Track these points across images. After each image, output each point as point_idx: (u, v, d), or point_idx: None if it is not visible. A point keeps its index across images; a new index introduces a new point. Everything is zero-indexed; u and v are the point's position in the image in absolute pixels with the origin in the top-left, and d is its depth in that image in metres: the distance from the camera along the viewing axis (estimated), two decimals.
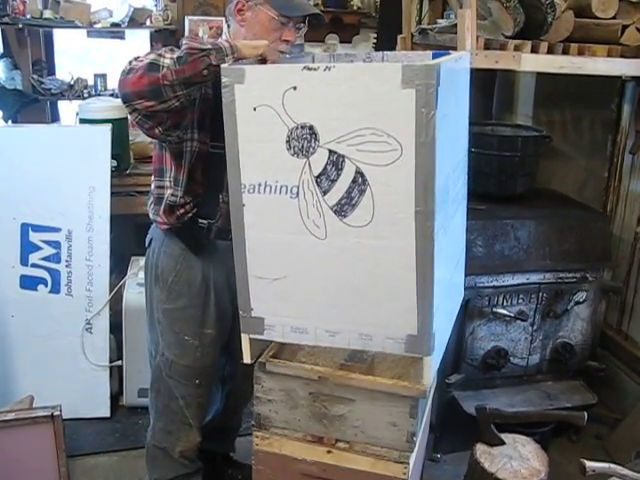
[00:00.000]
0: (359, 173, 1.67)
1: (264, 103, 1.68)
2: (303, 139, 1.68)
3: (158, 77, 1.87)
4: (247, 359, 1.96)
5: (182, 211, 2.22)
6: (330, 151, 1.67)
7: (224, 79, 1.71)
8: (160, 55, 1.90)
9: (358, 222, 1.71)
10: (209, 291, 2.32)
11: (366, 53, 2.21)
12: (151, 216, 2.33)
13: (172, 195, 2.21)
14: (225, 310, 2.36)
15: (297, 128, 1.68)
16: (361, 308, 1.80)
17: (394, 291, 1.74)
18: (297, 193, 1.73)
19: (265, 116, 1.69)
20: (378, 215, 1.69)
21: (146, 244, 2.40)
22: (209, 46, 1.90)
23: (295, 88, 1.65)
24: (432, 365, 1.83)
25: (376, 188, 1.67)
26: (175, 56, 1.88)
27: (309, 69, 1.64)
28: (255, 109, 1.70)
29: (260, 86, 1.68)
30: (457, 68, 1.88)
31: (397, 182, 1.64)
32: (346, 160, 1.67)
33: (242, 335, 1.93)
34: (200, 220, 2.23)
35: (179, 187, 2.20)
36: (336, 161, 1.68)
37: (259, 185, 1.76)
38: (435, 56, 2.04)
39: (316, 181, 1.71)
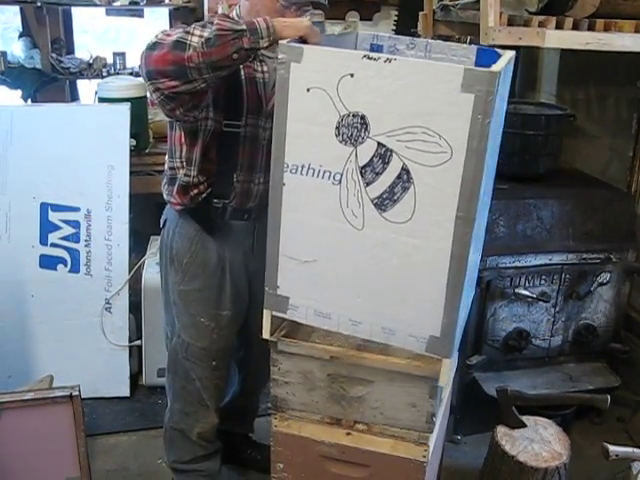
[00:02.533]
0: (405, 170, 1.65)
1: (318, 85, 1.66)
2: (353, 127, 1.66)
3: (183, 57, 1.78)
4: (266, 334, 1.95)
5: (196, 191, 2.19)
6: (379, 144, 1.65)
7: (281, 55, 1.68)
8: (188, 33, 1.80)
9: (397, 218, 1.69)
10: (225, 272, 2.29)
11: (410, 38, 2.14)
12: (165, 197, 2.30)
13: (185, 175, 2.17)
14: (241, 291, 2.35)
15: (348, 116, 1.66)
16: (387, 302, 1.79)
17: (423, 291, 1.73)
18: (340, 180, 1.71)
19: (318, 99, 1.67)
20: (418, 214, 1.67)
21: (161, 225, 2.37)
22: (243, 26, 1.80)
23: (352, 75, 1.62)
24: (451, 366, 1.82)
25: (420, 187, 1.65)
26: (205, 36, 1.78)
27: (369, 58, 1.61)
28: (309, 90, 1.67)
29: (317, 68, 1.66)
30: (508, 72, 1.83)
31: (442, 185, 1.62)
32: (394, 155, 1.65)
33: (264, 311, 1.92)
34: (214, 200, 2.20)
35: (192, 167, 2.16)
36: (384, 154, 1.66)
37: (302, 167, 1.74)
38: (481, 52, 1.99)
39: (360, 171, 1.69)
